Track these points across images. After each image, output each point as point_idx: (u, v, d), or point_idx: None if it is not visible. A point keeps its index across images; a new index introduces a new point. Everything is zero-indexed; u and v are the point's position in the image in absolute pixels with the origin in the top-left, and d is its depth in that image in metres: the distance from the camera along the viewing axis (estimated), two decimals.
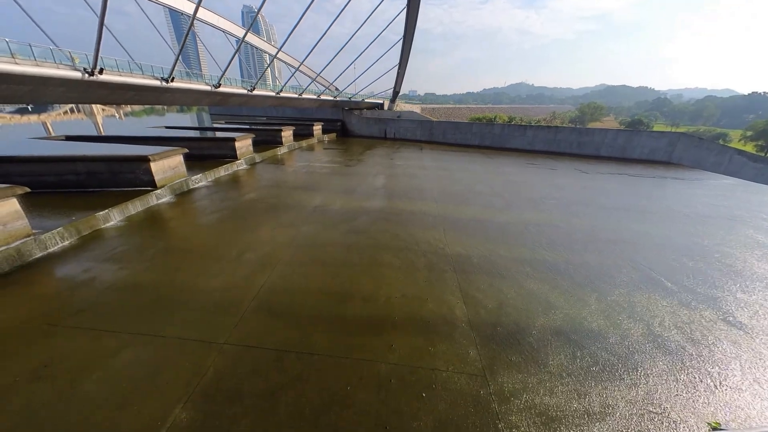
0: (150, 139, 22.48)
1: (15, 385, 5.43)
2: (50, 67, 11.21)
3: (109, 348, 6.37)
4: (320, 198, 16.72)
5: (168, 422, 4.91)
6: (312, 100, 36.44)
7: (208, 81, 20.14)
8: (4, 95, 11.17)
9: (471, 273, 9.57)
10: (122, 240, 11.30)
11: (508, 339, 6.88)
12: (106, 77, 12.82)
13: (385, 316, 7.51)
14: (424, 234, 12.37)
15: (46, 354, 6.16)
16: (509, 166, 28.18)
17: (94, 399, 5.30)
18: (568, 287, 8.95)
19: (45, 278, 8.89)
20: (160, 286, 8.57)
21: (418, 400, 5.41)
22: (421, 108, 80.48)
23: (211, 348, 6.40)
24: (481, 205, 16.32)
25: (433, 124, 44.72)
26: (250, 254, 10.38)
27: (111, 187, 15.18)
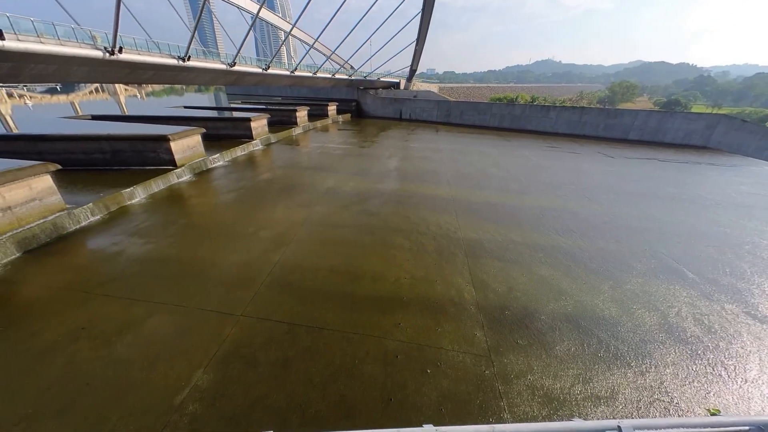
0: (170, 119, 23.01)
1: (58, 344, 6.02)
2: (73, 47, 11.52)
3: (137, 315, 6.89)
4: (333, 179, 16.81)
5: (191, 383, 5.35)
6: (327, 79, 35.83)
7: (223, 60, 20.12)
8: (32, 74, 11.65)
9: (482, 257, 9.53)
10: (146, 216, 11.89)
11: (515, 323, 6.92)
12: (126, 56, 13.05)
13: (393, 295, 7.68)
14: (436, 217, 12.30)
15: (83, 318, 6.74)
16: (528, 149, 27.12)
17: (127, 359, 5.81)
18: (582, 274, 8.78)
19: (79, 250, 9.56)
20: (182, 260, 9.05)
21: (422, 375, 5.61)
22: (438, 87, 77.58)
23: (229, 319, 6.80)
24: (495, 189, 15.95)
25: (450, 104, 43.24)
26: (265, 232, 10.72)
27: (134, 165, 15.82)
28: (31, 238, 9.33)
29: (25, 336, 6.23)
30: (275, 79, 28.54)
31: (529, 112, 37.49)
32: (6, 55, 9.67)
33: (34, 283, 7.82)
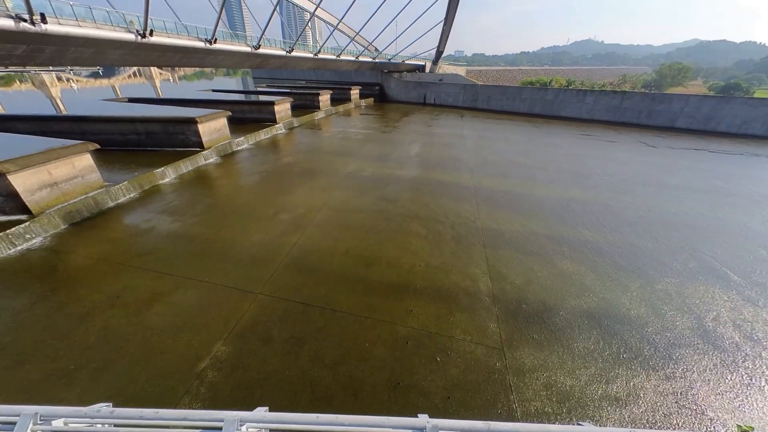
0: (198, 102, 23.77)
1: (95, 310, 6.58)
2: (108, 30, 12.02)
3: (166, 287, 7.35)
4: (354, 164, 16.77)
5: (211, 353, 5.68)
6: (350, 62, 35.27)
7: (248, 42, 20.25)
8: (73, 57, 12.35)
9: (501, 248, 9.22)
10: (176, 195, 12.52)
11: (532, 317, 6.68)
12: (156, 39, 13.46)
13: (407, 282, 7.65)
14: (455, 205, 11.99)
15: (118, 287, 7.30)
16: (559, 136, 25.53)
17: (155, 327, 6.25)
18: (609, 271, 8.28)
19: (116, 224, 10.28)
20: (207, 238, 9.49)
21: (432, 362, 5.60)
22: (466, 71, 74.21)
23: (248, 296, 7.09)
24: (520, 178, 15.23)
25: (477, 88, 41.31)
26: (285, 215, 10.96)
27: (166, 146, 16.58)
28: (75, 212, 10.13)
29: (69, 300, 6.85)
30: (299, 62, 28.47)
31: (563, 96, 35.06)
32: (49, 39, 10.28)
33: (77, 254, 8.53)
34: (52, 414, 1.43)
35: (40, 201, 9.51)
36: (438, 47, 45.77)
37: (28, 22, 9.36)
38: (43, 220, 9.32)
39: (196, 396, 4.95)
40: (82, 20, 10.95)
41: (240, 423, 1.28)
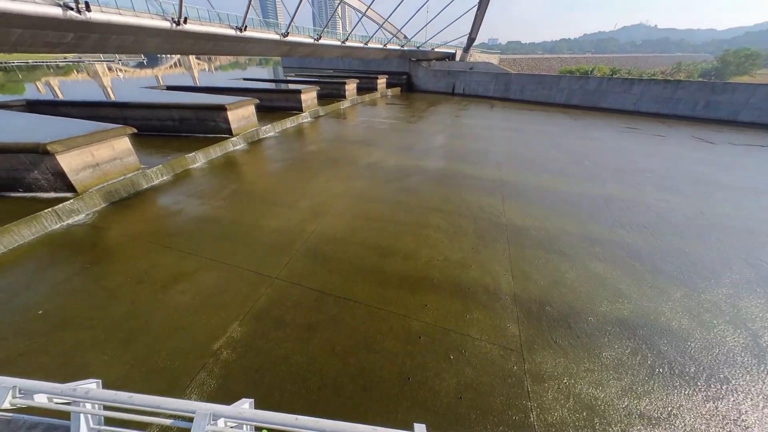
0: (229, 90, 24.49)
1: (125, 284, 6.99)
2: (147, 18, 12.53)
3: (189, 267, 7.66)
4: (376, 154, 16.55)
5: (227, 333, 5.84)
6: (378, 50, 34.64)
7: (277, 30, 20.40)
8: (115, 45, 13.06)
9: (526, 246, 8.68)
10: (204, 180, 13.02)
11: (557, 320, 6.23)
12: (189, 27, 13.88)
13: (423, 276, 7.41)
14: (479, 199, 11.46)
15: (146, 264, 7.70)
16: (600, 129, 23.64)
17: (178, 303, 6.53)
18: (648, 276, 7.53)
19: (149, 205, 10.86)
20: (230, 222, 9.77)
21: (444, 360, 5.39)
22: (499, 59, 70.62)
23: (265, 280, 7.21)
24: (553, 172, 14.26)
25: (510, 77, 39.15)
26: (305, 202, 11.03)
27: (197, 132, 17.27)
28: (114, 192, 10.82)
29: (104, 274, 7.33)
30: (327, 50, 28.38)
31: (606, 86, 32.32)
32: (93, 27, 10.89)
33: (114, 231, 9.12)
34: (30, 388, 1.42)
35: (83, 180, 10.23)
36: (470, 34, 43.74)
37: (74, 10, 9.95)
38: (86, 199, 10.03)
39: (210, 373, 5.11)
40: (123, 9, 11.49)
41: (213, 417, 1.19)
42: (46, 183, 9.79)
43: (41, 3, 9.46)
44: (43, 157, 9.38)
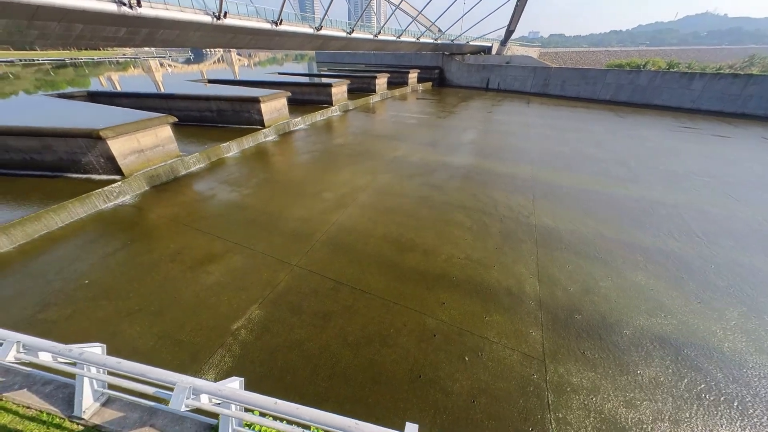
0: (263, 83, 25.36)
1: (159, 262, 7.47)
2: (190, 13, 13.25)
3: (217, 249, 8.03)
4: (403, 149, 16.35)
5: (247, 315, 6.04)
6: (410, 43, 34.08)
7: (311, 24, 20.72)
8: (161, 39, 13.98)
9: (556, 249, 8.12)
10: (236, 168, 13.60)
11: (586, 330, 5.75)
12: (229, 21, 14.49)
13: (442, 273, 7.18)
14: (508, 198, 10.90)
15: (179, 244, 8.19)
16: (649, 128, 21.56)
17: (204, 283, 6.87)
18: (698, 291, 6.72)
19: (185, 190, 11.55)
20: (256, 209, 10.12)
21: (459, 361, 5.17)
22: (539, 52, 66.72)
23: (285, 267, 7.38)
24: (591, 173, 13.23)
25: (550, 71, 36.87)
26: (329, 194, 11.14)
27: (233, 123, 18.08)
28: (156, 176, 11.62)
29: (142, 251, 7.90)
30: (359, 44, 28.41)
31: (661, 81, 29.38)
32: (143, 21, 11.71)
33: (153, 212, 9.80)
34: (35, 345, 1.48)
35: (130, 165, 11.08)
36: (509, 26, 41.69)
37: (127, 6, 10.75)
38: (132, 182, 10.87)
39: (228, 351, 5.31)
40: (169, 4, 12.23)
41: (194, 391, 1.16)
42: (99, 166, 10.73)
43: (101, 0, 10.31)
44: (96, 142, 10.27)
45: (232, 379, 1.44)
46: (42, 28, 10.24)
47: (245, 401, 1.20)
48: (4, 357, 1.45)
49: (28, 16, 9.46)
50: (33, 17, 9.60)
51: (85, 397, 1.84)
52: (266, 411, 1.17)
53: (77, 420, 1.96)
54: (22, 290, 6.55)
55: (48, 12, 9.61)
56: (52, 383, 1.75)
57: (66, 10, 9.76)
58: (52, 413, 2.26)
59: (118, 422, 2.09)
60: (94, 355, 1.43)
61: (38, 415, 2.28)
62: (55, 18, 9.98)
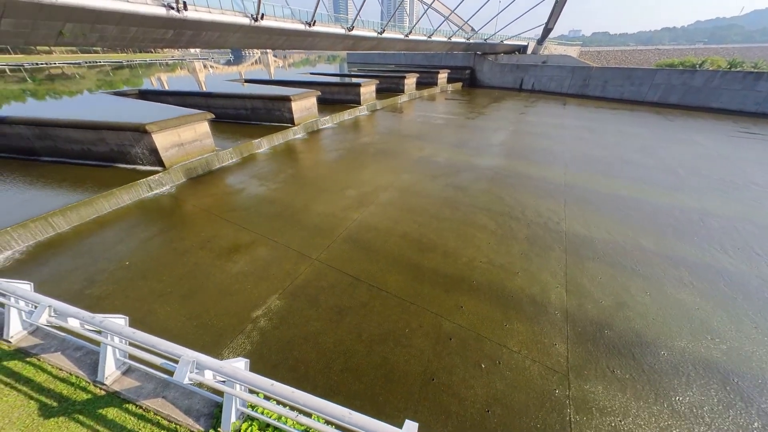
0: (294, 83, 26.21)
1: (190, 249, 7.93)
2: (231, 15, 13.99)
3: (243, 240, 8.39)
4: (428, 149, 16.15)
5: (266, 304, 6.24)
6: (441, 43, 33.61)
7: (343, 25, 21.09)
8: (204, 40, 14.91)
9: (588, 259, 7.60)
10: (266, 164, 14.15)
11: (617, 347, 5.32)
12: (265, 22, 15.12)
13: (462, 276, 6.98)
14: (537, 202, 10.39)
15: (210, 233, 8.64)
16: (704, 132, 19.63)
17: (230, 271, 7.19)
18: (754, 315, 5.99)
19: (218, 182, 12.19)
20: (282, 203, 10.45)
21: (475, 367, 4.99)
22: (579, 51, 63.17)
23: (305, 260, 7.54)
24: (632, 179, 12.27)
25: (590, 71, 34.76)
26: (352, 191, 11.26)
27: (265, 121, 18.84)
28: (192, 169, 12.38)
29: (176, 238, 8.43)
30: (390, 44, 28.49)
31: (720, 81, 26.66)
32: (187, 24, 12.55)
33: (188, 202, 10.44)
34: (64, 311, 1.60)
35: (171, 157, 11.89)
36: (547, 24, 39.90)
37: (174, 10, 11.57)
38: (171, 173, 11.65)
39: (248, 337, 5.51)
40: (212, 8, 13.00)
41: (198, 366, 1.19)
42: (143, 158, 11.62)
43: (151, 5, 11.18)
44: (142, 135, 11.12)
45: (237, 359, 1.48)
46: (102, 30, 11.28)
47: (243, 380, 1.22)
48: (38, 319, 1.62)
49: (91, 20, 10.47)
50: (96, 21, 10.61)
51: (108, 365, 2.00)
52: (262, 391, 1.18)
53: (100, 385, 2.14)
54: (74, 267, 7.24)
55: (108, 16, 10.58)
56: (82, 349, 1.92)
57: (123, 13, 10.69)
58: (80, 377, 2.50)
59: (135, 391, 2.26)
60: (113, 323, 1.54)
61: (68, 378, 2.55)
62: (113, 22, 10.97)
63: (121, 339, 1.65)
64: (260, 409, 1.83)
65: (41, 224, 8.26)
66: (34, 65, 64.49)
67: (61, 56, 78.71)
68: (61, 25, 10.20)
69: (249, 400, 1.55)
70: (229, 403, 1.68)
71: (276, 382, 1.26)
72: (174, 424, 2.40)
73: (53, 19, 9.82)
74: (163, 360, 1.44)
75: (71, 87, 35.32)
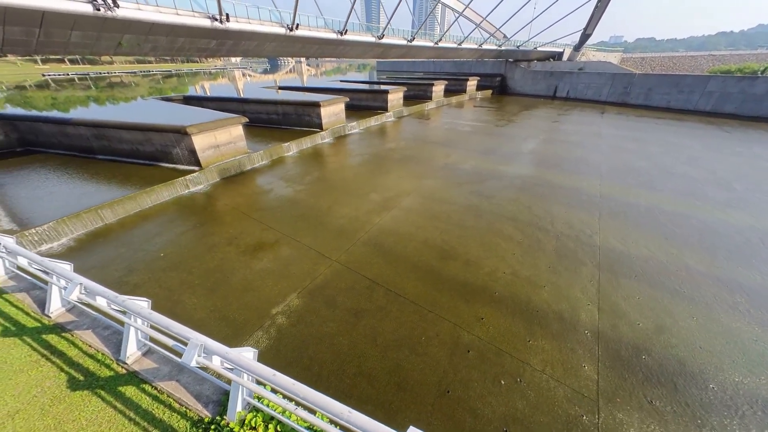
0: (326, 90, 27.06)
1: (219, 244, 8.32)
2: (268, 26, 14.79)
3: (268, 239, 8.67)
4: (454, 156, 15.92)
5: (286, 301, 6.36)
6: (472, 50, 33.27)
7: (374, 33, 21.53)
8: (243, 49, 15.87)
9: (624, 276, 7.03)
10: (293, 166, 14.64)
11: (657, 376, 4.82)
12: (300, 32, 15.82)
13: (484, 286, 6.71)
14: (568, 213, 9.83)
15: (237, 231, 9.03)
16: (765, 144, 17.67)
17: (253, 267, 7.44)
18: None
19: (248, 183, 12.76)
20: (307, 204, 10.71)
21: (494, 383, 4.73)
22: (620, 58, 59.84)
23: (325, 261, 7.63)
24: (679, 192, 11.26)
25: (632, 78, 32.72)
26: (375, 195, 11.31)
27: (295, 126, 19.57)
28: (226, 169, 13.08)
29: (207, 233, 8.89)
30: (419, 52, 28.65)
31: None
32: (229, 34, 13.44)
33: (220, 201, 11.00)
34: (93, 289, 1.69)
35: (207, 158, 12.65)
36: (585, 30, 38.32)
37: (218, 21, 12.44)
38: (207, 173, 12.38)
39: (266, 333, 5.63)
40: (251, 19, 13.85)
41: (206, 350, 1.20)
42: (183, 158, 12.45)
43: (197, 17, 12.12)
44: (183, 137, 11.94)
45: (246, 348, 1.49)
46: (154, 41, 12.36)
47: (247, 367, 1.23)
48: (69, 295, 1.76)
49: (145, 32, 11.52)
50: (149, 32, 11.66)
51: (130, 345, 2.13)
52: (264, 380, 1.17)
53: (122, 364, 2.27)
54: (117, 255, 7.84)
55: (160, 28, 11.58)
56: (110, 329, 2.05)
57: (172, 25, 11.66)
58: (105, 354, 2.69)
59: (152, 372, 2.38)
60: (133, 303, 1.63)
61: (95, 354, 2.76)
62: (163, 33, 11.98)
63: (144, 321, 1.74)
64: (266, 401, 1.83)
65: (92, 216, 9.07)
66: (97, 74, 72.10)
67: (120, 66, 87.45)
68: (120, 36, 11.30)
69: (255, 391, 1.56)
70: (236, 391, 1.71)
71: (278, 372, 1.25)
72: (184, 408, 2.50)
73: (114, 32, 10.92)
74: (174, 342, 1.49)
75: (127, 93, 38.94)
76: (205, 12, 12.28)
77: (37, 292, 3.97)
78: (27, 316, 3.82)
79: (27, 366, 3.20)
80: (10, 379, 3.12)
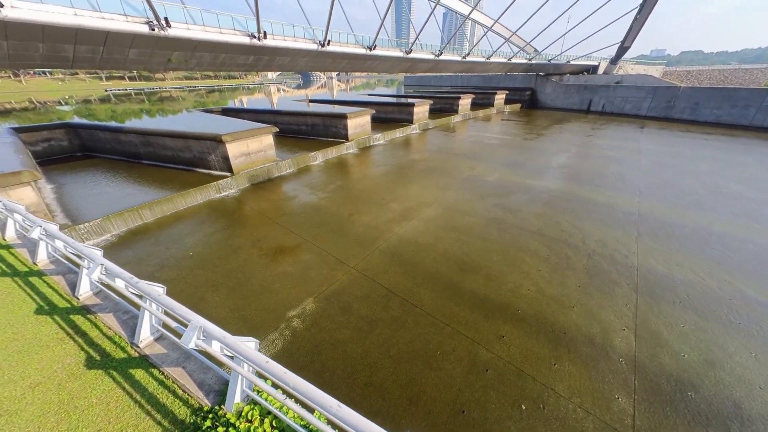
0: (353, 102, 27.93)
1: (243, 246, 8.62)
2: (301, 42, 15.67)
3: (289, 243, 8.86)
4: (479, 168, 15.61)
5: (302, 305, 6.40)
6: (501, 64, 33.01)
7: (402, 48, 22.07)
8: (277, 64, 16.86)
9: (667, 302, 6.38)
10: (318, 175, 15.05)
11: (705, 416, 4.24)
12: (331, 48, 16.58)
13: (506, 303, 6.37)
14: (601, 231, 9.19)
15: (261, 234, 9.33)
16: None
17: (273, 270, 7.60)
18: None
19: (275, 189, 13.26)
20: (329, 212, 10.90)
21: (513, 408, 4.39)
22: (662, 71, 56.70)
23: (343, 267, 7.64)
24: (731, 213, 10.20)
25: (676, 92, 30.74)
26: (396, 205, 11.28)
27: (323, 137, 20.26)
28: (255, 176, 13.72)
29: (232, 235, 9.26)
30: (447, 66, 28.89)
31: None
32: (265, 50, 14.38)
33: (248, 205, 11.49)
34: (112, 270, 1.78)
35: (239, 165, 13.35)
36: (622, 42, 36.77)
37: (256, 38, 13.37)
38: (238, 179, 13.04)
39: (281, 335, 5.66)
40: (286, 36, 14.76)
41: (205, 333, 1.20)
42: (217, 164, 13.24)
43: (239, 35, 13.12)
44: (218, 145, 12.73)
45: (248, 338, 1.48)
46: (199, 57, 13.48)
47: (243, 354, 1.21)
48: (91, 274, 1.88)
49: (191, 49, 12.61)
50: (195, 49, 12.75)
51: (144, 329, 2.22)
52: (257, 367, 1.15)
53: (136, 347, 2.37)
54: (151, 252, 8.36)
55: (204, 45, 12.64)
56: (129, 313, 2.16)
57: (216, 43, 12.68)
58: (122, 337, 2.85)
59: (161, 358, 2.45)
60: (146, 287, 1.70)
61: (113, 336, 2.93)
62: (207, 50, 13.06)
63: (157, 306, 1.81)
64: (264, 394, 1.81)
65: (133, 215, 9.80)
66: (151, 90, 79.81)
67: (170, 82, 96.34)
68: (170, 53, 12.46)
69: (254, 382, 1.54)
70: (234, 381, 1.71)
71: (271, 360, 1.22)
72: (187, 395, 2.54)
73: (165, 49, 12.06)
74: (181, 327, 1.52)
75: (174, 106, 42.58)
76: (245, 30, 13.24)
77: (72, 276, 4.39)
78: (60, 297, 4.20)
79: (53, 342, 3.49)
80: (36, 353, 3.43)
